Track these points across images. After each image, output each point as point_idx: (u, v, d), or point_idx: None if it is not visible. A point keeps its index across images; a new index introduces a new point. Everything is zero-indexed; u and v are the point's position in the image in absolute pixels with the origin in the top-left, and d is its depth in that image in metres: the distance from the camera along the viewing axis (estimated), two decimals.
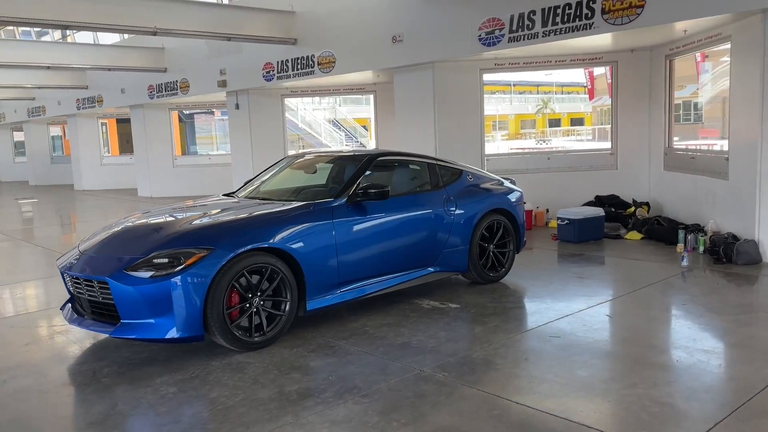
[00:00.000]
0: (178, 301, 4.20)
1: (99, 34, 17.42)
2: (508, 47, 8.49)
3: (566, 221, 8.42)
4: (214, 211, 5.20)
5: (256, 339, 4.54)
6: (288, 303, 4.70)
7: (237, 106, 13.88)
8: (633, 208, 9.34)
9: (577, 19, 7.72)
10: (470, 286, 6.26)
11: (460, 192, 6.11)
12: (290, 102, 25.48)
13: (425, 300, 5.78)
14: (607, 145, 10.21)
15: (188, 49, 14.42)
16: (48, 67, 14.67)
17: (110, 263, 4.42)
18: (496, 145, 33.74)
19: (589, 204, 9.57)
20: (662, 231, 8.17)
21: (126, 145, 21.86)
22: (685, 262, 6.74)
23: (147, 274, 4.24)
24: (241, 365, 4.28)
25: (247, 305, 4.50)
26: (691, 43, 8.37)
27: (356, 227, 5.21)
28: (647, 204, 9.40)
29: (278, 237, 4.65)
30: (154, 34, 10.25)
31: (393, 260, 5.49)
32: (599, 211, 8.65)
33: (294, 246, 4.72)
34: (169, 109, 17.57)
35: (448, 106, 9.90)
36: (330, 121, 31.21)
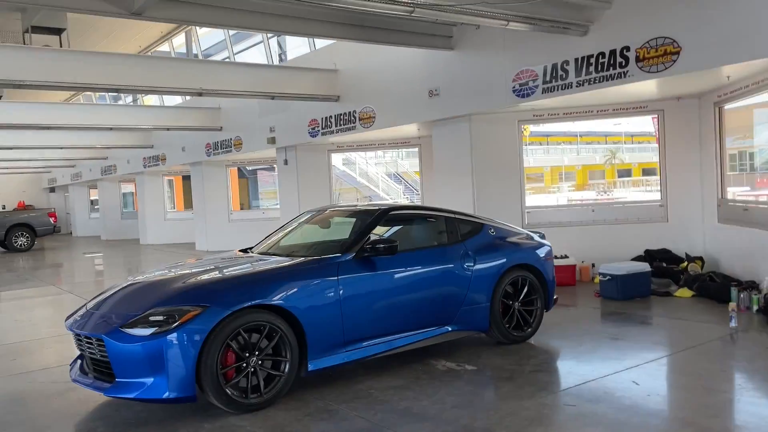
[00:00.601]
0: (170, 359, 4.14)
1: (164, 95, 18.31)
2: (542, 98, 8.29)
3: (608, 277, 7.96)
4: (219, 267, 5.17)
5: (252, 400, 4.40)
6: (288, 363, 4.55)
7: (285, 162, 14.16)
8: (685, 264, 8.75)
9: (612, 68, 7.47)
10: (495, 346, 5.93)
11: (480, 246, 5.87)
12: (351, 155, 25.91)
13: (441, 360, 5.50)
14: (657, 196, 9.70)
15: (242, 108, 14.93)
16: (111, 129, 15.47)
17: (109, 320, 4.43)
18: (558, 196, 32.87)
19: (638, 259, 9.05)
20: (714, 288, 7.58)
21: (190, 200, 22.68)
22: (733, 323, 6.18)
23: (142, 332, 4.22)
24: (233, 428, 4.14)
25: (244, 365, 4.39)
26: (738, 89, 7.92)
27: (364, 284, 5.05)
28: (701, 259, 8.79)
29: (277, 294, 4.55)
30: (200, 95, 10.66)
31: (404, 318, 5.27)
32: (644, 266, 8.14)
33: (295, 303, 4.60)
34: (226, 166, 18.14)
35: (485, 157, 9.72)
36: (391, 175, 31.47)
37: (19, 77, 9.34)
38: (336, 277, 4.89)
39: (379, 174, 29.49)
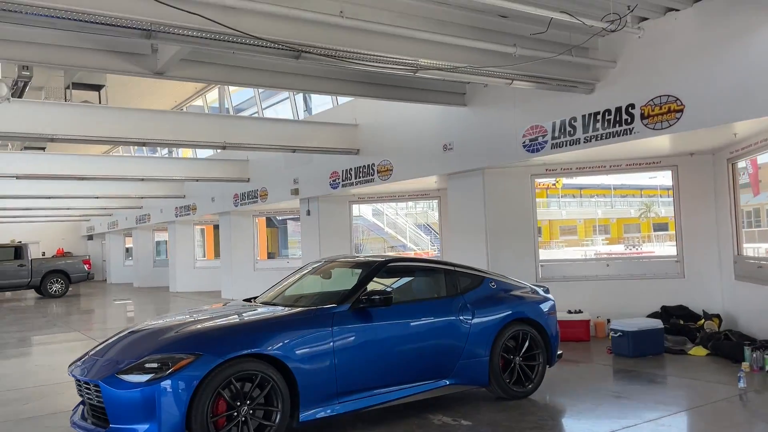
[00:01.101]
0: (162, 406, 4.26)
1: (191, 149, 18.96)
2: (551, 153, 8.40)
3: (619, 333, 7.86)
4: (218, 316, 5.32)
5: None
6: (279, 413, 4.62)
7: (308, 212, 14.44)
8: (702, 321, 8.57)
9: (617, 125, 7.56)
10: (495, 401, 5.89)
11: (479, 299, 5.91)
12: (380, 206, 26.20)
13: (439, 414, 5.49)
14: (672, 251, 9.59)
15: (268, 160, 15.37)
16: (143, 180, 16.07)
17: (106, 367, 4.59)
18: (586, 250, 32.28)
19: (654, 315, 8.90)
20: (728, 347, 7.40)
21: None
22: (741, 383, 6.02)
23: (136, 379, 4.36)
24: None
25: (235, 413, 4.48)
26: (749, 146, 7.92)
27: (359, 335, 5.13)
28: (718, 316, 8.60)
29: (270, 343, 4.67)
30: (224, 147, 11.08)
31: (400, 371, 5.31)
32: (657, 323, 8.01)
33: (287, 353, 4.70)
34: (253, 216, 18.54)
35: (499, 210, 9.80)
36: (420, 225, 31.59)
37: (60, 132, 9.87)
38: (330, 328, 4.99)
39: (407, 224, 29.66)
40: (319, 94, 12.05)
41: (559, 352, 6.45)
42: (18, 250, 21.80)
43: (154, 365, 4.39)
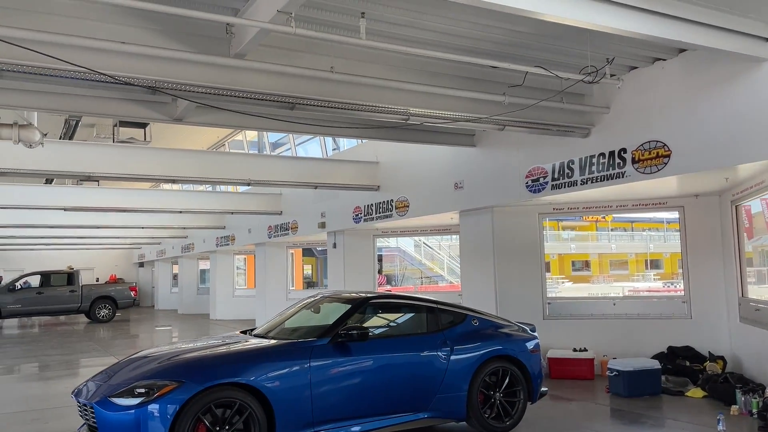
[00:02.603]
0: (145, 429, 4.73)
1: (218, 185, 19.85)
2: (551, 194, 8.65)
3: (615, 372, 7.95)
4: (207, 346, 5.77)
5: None
6: None
7: (335, 245, 14.94)
8: (707, 362, 8.56)
9: (611, 168, 7.78)
10: None
11: (459, 336, 6.20)
12: (419, 239, 26.59)
13: None
14: (680, 292, 9.59)
15: (299, 194, 16.01)
16: (181, 212, 17.00)
17: (102, 390, 5.10)
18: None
19: (659, 356, 8.92)
20: (722, 390, 7.41)
21: None
22: (720, 426, 6.06)
23: (125, 402, 4.85)
24: None
25: None
26: (750, 188, 7.98)
27: (336, 367, 5.50)
28: (722, 358, 8.57)
29: (248, 373, 5.09)
30: (248, 184, 11.72)
31: (376, 403, 5.64)
32: (654, 363, 8.07)
33: (264, 382, 5.11)
34: (287, 247, 19.18)
35: (507, 248, 10.04)
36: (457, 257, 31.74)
37: (103, 171, 10.73)
38: (308, 360, 5.38)
39: (443, 256, 29.88)
40: (324, 135, 12.67)
41: (543, 389, 6.64)
42: (70, 277, 23.06)
43: (142, 390, 4.87)
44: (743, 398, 6.79)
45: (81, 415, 5.34)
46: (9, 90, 6.45)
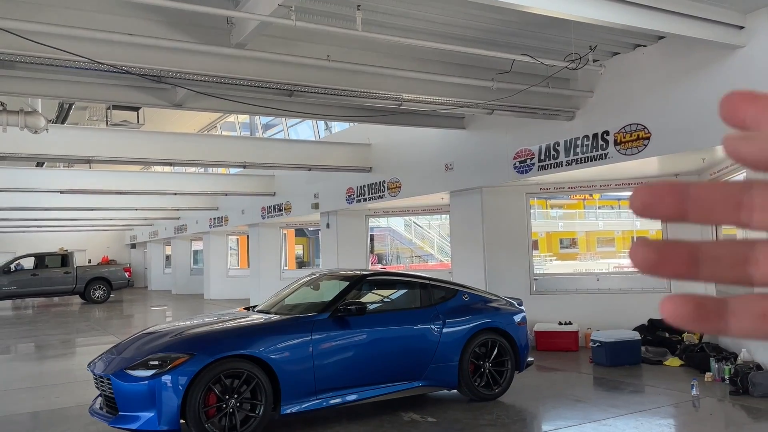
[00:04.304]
0: (159, 398, 5.08)
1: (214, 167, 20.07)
2: (538, 174, 9.01)
3: (598, 344, 8.39)
4: (215, 322, 6.14)
5: None
6: (262, 406, 5.39)
7: (327, 225, 15.27)
8: (685, 333, 9.02)
9: (594, 150, 8.14)
10: (466, 402, 6.54)
11: (451, 310, 6.59)
12: (409, 218, 26.98)
13: (409, 412, 6.18)
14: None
15: (292, 176, 16.28)
16: (176, 194, 17.22)
17: (118, 363, 5.45)
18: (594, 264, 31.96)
19: (640, 327, 9.38)
20: (698, 358, 7.87)
21: None
22: (694, 391, 6.53)
23: (140, 374, 5.20)
24: None
25: (224, 405, 5.27)
26: (725, 168, 8.37)
27: (335, 340, 5.88)
28: None
29: (255, 346, 5.45)
30: (244, 167, 11.99)
31: (373, 372, 6.03)
32: (634, 335, 8.52)
33: (270, 354, 5.48)
34: (280, 228, 19.49)
35: (495, 227, 10.42)
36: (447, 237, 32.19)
37: (98, 154, 10.96)
38: (310, 334, 5.75)
39: (434, 235, 30.32)
40: (319, 119, 12.94)
41: (530, 359, 7.06)
42: (64, 259, 23.27)
43: (156, 362, 5.22)
44: (717, 365, 7.24)
45: (97, 387, 5.68)
46: (17, 78, 6.68)
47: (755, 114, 0.41)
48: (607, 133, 7.97)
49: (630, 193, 0.43)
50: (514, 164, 9.39)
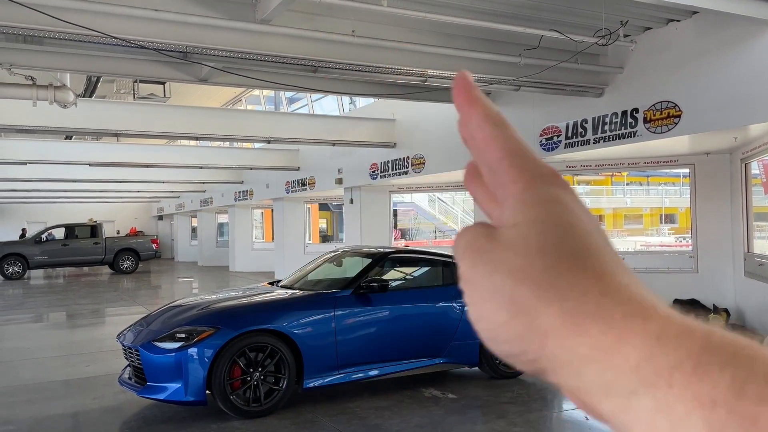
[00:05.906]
0: (186, 370, 5.20)
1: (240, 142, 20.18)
2: (564, 152, 8.90)
3: None
4: (240, 296, 6.23)
5: (253, 408, 5.36)
6: (285, 380, 5.49)
7: (351, 201, 15.31)
8: (711, 315, 8.92)
9: (623, 128, 8.00)
10: (487, 379, 6.57)
11: None
12: (433, 194, 26.96)
13: (430, 388, 6.24)
14: (689, 247, 9.90)
15: (316, 150, 16.30)
16: (201, 168, 17.37)
17: (146, 335, 5.57)
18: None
19: None
20: None
21: None
22: None
23: (168, 346, 5.31)
24: (233, 430, 5.12)
25: (249, 378, 5.37)
26: (759, 147, 8.18)
27: (358, 316, 5.93)
28: (726, 311, 8.93)
29: (279, 320, 5.53)
30: (268, 142, 12.03)
31: (394, 349, 6.08)
32: None
33: (294, 329, 5.55)
34: (304, 202, 19.60)
35: None
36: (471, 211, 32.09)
37: (125, 128, 11.10)
38: (332, 310, 5.81)
39: (457, 210, 30.24)
40: (344, 95, 12.87)
41: None
42: (94, 229, 23.71)
43: (183, 335, 5.33)
44: None
45: (126, 357, 5.83)
46: (46, 53, 6.76)
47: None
48: (636, 110, 7.82)
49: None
50: (540, 141, 9.27)
